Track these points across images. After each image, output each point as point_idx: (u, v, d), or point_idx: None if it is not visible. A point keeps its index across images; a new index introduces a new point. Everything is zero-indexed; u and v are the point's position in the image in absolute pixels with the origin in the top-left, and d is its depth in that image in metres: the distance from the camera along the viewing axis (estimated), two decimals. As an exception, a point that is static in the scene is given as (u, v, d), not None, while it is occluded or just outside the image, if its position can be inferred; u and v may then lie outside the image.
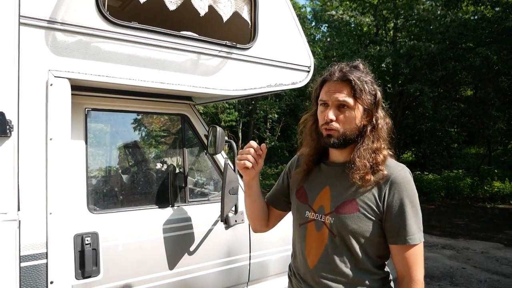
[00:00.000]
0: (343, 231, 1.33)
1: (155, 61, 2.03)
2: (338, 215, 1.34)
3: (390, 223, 1.30)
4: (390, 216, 1.30)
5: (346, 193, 1.35)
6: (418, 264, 1.30)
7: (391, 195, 1.30)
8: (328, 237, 1.37)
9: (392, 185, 1.30)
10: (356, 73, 1.35)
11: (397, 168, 1.34)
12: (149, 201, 2.34)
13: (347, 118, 1.34)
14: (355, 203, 1.32)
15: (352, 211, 1.32)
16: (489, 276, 5.17)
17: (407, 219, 1.28)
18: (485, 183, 12.24)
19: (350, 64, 1.41)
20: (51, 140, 1.72)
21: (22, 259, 1.64)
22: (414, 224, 1.29)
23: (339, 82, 1.35)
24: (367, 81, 1.36)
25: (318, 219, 1.40)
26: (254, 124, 18.87)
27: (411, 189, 1.31)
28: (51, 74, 1.73)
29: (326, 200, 1.40)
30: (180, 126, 2.47)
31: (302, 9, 20.69)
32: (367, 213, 1.31)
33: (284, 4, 2.55)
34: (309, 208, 1.44)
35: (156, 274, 2.16)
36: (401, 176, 1.32)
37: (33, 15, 1.67)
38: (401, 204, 1.29)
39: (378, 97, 1.39)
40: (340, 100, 1.33)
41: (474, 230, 7.96)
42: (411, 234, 1.28)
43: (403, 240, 1.29)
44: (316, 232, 1.40)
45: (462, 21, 9.77)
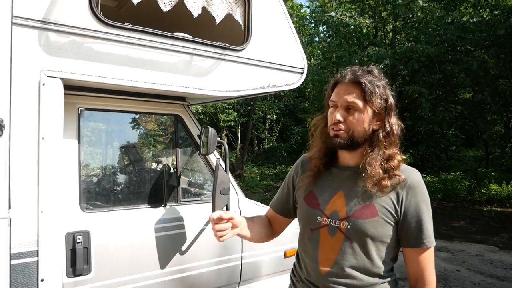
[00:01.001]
0: (362, 236, 1.32)
1: (148, 61, 2.04)
2: (355, 220, 1.33)
3: (408, 226, 1.32)
4: (408, 219, 1.32)
5: (363, 198, 1.34)
6: (432, 267, 1.34)
7: (409, 199, 1.32)
8: (343, 242, 1.35)
9: (409, 190, 1.32)
10: (368, 76, 1.36)
11: (412, 172, 1.37)
12: (141, 201, 2.36)
13: (355, 120, 1.34)
14: (373, 207, 1.32)
15: (371, 216, 1.32)
16: (483, 279, 5.19)
17: (425, 222, 1.32)
18: (483, 186, 12.25)
19: (365, 69, 1.41)
20: (43, 139, 1.74)
21: (13, 257, 1.66)
22: (430, 227, 1.33)
23: (349, 84, 1.36)
24: (379, 85, 1.35)
25: (331, 224, 1.38)
26: (252, 124, 18.87)
27: (425, 193, 1.35)
28: (43, 74, 1.75)
29: (341, 205, 1.38)
30: (174, 126, 2.48)
31: (302, 10, 20.73)
32: (386, 217, 1.32)
33: (278, 6, 2.57)
34: (320, 213, 1.41)
35: (147, 273, 2.17)
36: (417, 180, 1.34)
37: (26, 15, 1.68)
38: (418, 208, 1.32)
39: (390, 102, 1.38)
40: (349, 102, 1.34)
41: (470, 233, 7.97)
42: (428, 236, 1.32)
43: (421, 243, 1.32)
44: (330, 237, 1.38)
45: (460, 23, 9.80)
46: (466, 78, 12.11)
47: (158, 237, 2.21)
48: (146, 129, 2.73)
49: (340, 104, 1.36)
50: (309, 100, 20.03)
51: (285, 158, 19.96)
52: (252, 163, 18.72)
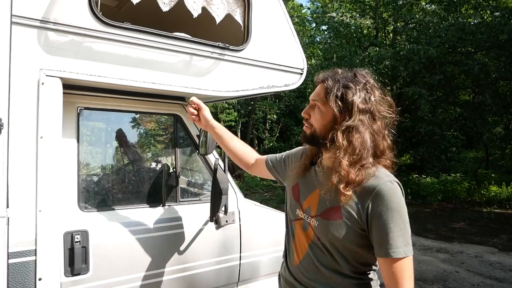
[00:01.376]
0: (325, 236, 1.35)
1: (147, 61, 2.05)
2: (322, 220, 1.36)
3: (375, 235, 1.27)
4: (374, 228, 1.26)
5: (332, 200, 1.34)
6: (405, 279, 1.24)
7: (375, 207, 1.26)
8: (312, 238, 1.41)
9: (377, 197, 1.26)
10: (340, 77, 1.36)
11: (384, 179, 1.28)
12: (140, 200, 2.35)
13: (315, 117, 1.41)
14: (339, 210, 1.32)
15: (335, 219, 1.32)
16: (482, 280, 5.19)
17: (391, 231, 1.23)
18: (482, 187, 12.24)
19: (348, 71, 1.41)
20: (41, 138, 1.74)
21: (11, 256, 1.66)
22: (399, 237, 1.23)
23: (318, 83, 1.43)
24: (347, 86, 1.33)
25: (305, 219, 1.45)
26: (253, 124, 18.89)
27: (396, 201, 1.25)
28: (42, 73, 1.75)
29: (314, 203, 1.42)
30: (173, 126, 2.48)
31: (303, 11, 20.73)
32: (349, 222, 1.30)
33: (277, 6, 2.57)
34: (299, 206, 1.49)
35: (145, 273, 2.17)
36: (387, 188, 1.26)
37: (25, 15, 1.68)
38: (385, 216, 1.24)
39: (357, 104, 1.32)
40: (311, 99, 1.43)
41: (470, 234, 7.97)
42: (395, 247, 1.23)
43: (385, 253, 1.24)
44: (303, 231, 1.45)
45: (461, 25, 9.79)
46: (467, 80, 12.11)
47: (156, 237, 2.21)
48: (145, 129, 2.73)
49: (309, 102, 1.45)
50: (310, 100, 20.01)
51: (285, 159, 19.92)
52: (252, 163, 18.66)
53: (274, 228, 2.70)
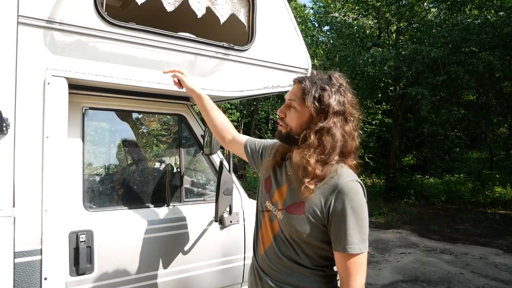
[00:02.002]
0: (288, 229, 1.42)
1: (152, 61, 2.05)
2: (286, 214, 1.43)
3: (333, 230, 1.34)
4: (334, 223, 1.34)
5: (297, 195, 1.40)
6: (358, 273, 1.33)
7: (336, 204, 1.33)
8: (277, 230, 1.47)
9: (338, 194, 1.32)
10: (316, 79, 1.41)
11: (347, 178, 1.35)
12: (144, 200, 2.36)
13: (291, 116, 1.44)
14: (303, 206, 1.38)
15: (299, 213, 1.39)
16: (487, 282, 5.17)
17: (349, 228, 1.30)
18: (487, 188, 12.20)
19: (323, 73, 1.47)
20: (47, 138, 1.75)
21: (17, 255, 1.66)
22: (356, 234, 1.31)
23: (295, 83, 1.46)
24: (324, 88, 1.38)
25: (272, 211, 1.51)
26: (255, 125, 18.87)
27: (357, 200, 1.32)
28: (48, 73, 1.75)
29: (281, 197, 1.48)
30: (177, 126, 2.49)
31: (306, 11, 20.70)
32: (311, 217, 1.36)
33: (282, 6, 2.57)
34: (269, 198, 1.54)
35: (150, 273, 2.17)
36: (348, 187, 1.33)
37: (31, 15, 1.69)
38: (344, 213, 1.31)
39: (333, 105, 1.37)
40: (288, 99, 1.45)
41: (474, 236, 7.94)
42: (351, 243, 1.30)
43: (342, 248, 1.32)
44: (269, 222, 1.51)
45: (465, 25, 9.74)
46: (471, 80, 12.06)
47: (161, 237, 2.21)
48: (150, 128, 2.73)
49: (285, 101, 1.46)
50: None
51: (288, 159, 19.89)
52: (255, 164, 18.65)
53: None
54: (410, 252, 6.53)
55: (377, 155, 15.56)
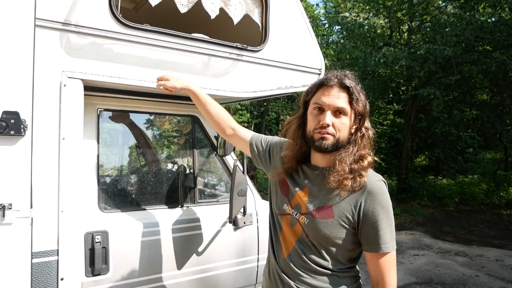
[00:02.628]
0: (316, 234, 1.38)
1: (166, 62, 2.05)
2: (313, 218, 1.39)
3: (366, 232, 1.35)
4: (366, 225, 1.34)
5: (324, 199, 1.39)
6: (392, 270, 1.36)
7: (367, 205, 1.34)
8: (300, 234, 1.44)
9: (368, 195, 1.34)
10: (350, 81, 1.39)
11: (374, 178, 1.38)
12: (158, 201, 2.37)
13: (343, 125, 1.38)
14: (331, 210, 1.37)
15: (327, 217, 1.36)
16: (504, 284, 5.07)
17: (382, 228, 1.33)
18: (501, 189, 11.99)
19: (343, 73, 1.43)
20: (63, 139, 1.76)
21: (34, 256, 1.68)
22: (388, 233, 1.34)
23: (337, 87, 1.38)
24: (360, 90, 1.40)
25: (293, 215, 1.46)
26: (265, 125, 18.87)
27: (385, 199, 1.36)
28: (64, 75, 1.77)
29: (304, 200, 1.44)
30: (191, 127, 2.49)
31: (316, 11, 20.64)
32: (341, 220, 1.35)
33: (295, 6, 2.56)
34: (287, 202, 1.50)
35: (164, 274, 2.18)
36: (377, 187, 1.35)
37: (48, 17, 1.71)
38: (376, 214, 1.33)
39: (368, 107, 1.43)
40: (339, 107, 1.37)
41: (489, 237, 7.80)
42: (385, 242, 1.34)
43: (377, 248, 1.34)
44: (290, 226, 1.47)
45: (478, 23, 9.59)
46: (484, 80, 11.87)
47: (175, 238, 2.21)
48: (164, 130, 2.74)
49: (329, 108, 1.37)
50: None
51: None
52: (265, 165, 18.64)
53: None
54: (424, 254, 6.45)
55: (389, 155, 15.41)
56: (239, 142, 1.81)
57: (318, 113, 1.39)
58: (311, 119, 1.42)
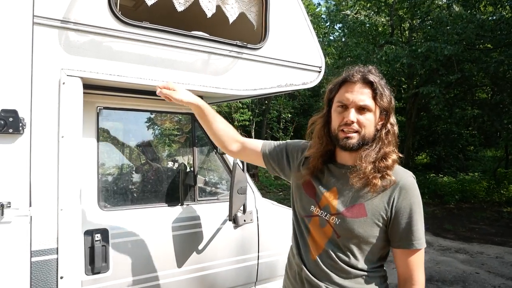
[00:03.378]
0: (349, 234, 1.35)
1: (165, 60, 2.04)
2: (344, 218, 1.36)
3: (398, 228, 1.33)
4: (398, 221, 1.33)
5: (354, 197, 1.37)
6: (421, 267, 1.36)
7: (400, 201, 1.32)
8: (331, 235, 1.40)
9: (401, 191, 1.33)
10: (374, 76, 1.36)
11: (405, 174, 1.37)
12: (158, 199, 2.36)
13: (368, 121, 1.35)
14: (363, 208, 1.34)
15: (360, 216, 1.34)
16: (504, 281, 5.07)
17: (415, 224, 1.32)
18: (502, 187, 11.96)
19: (366, 69, 1.40)
20: (62, 137, 1.75)
21: (33, 254, 1.68)
22: (420, 229, 1.33)
23: (360, 83, 1.36)
24: (384, 85, 1.38)
25: (322, 216, 1.42)
26: (267, 123, 18.86)
27: (417, 195, 1.35)
28: (63, 72, 1.76)
29: (333, 200, 1.40)
30: (191, 125, 2.48)
31: (317, 9, 20.59)
32: (375, 218, 1.33)
33: (295, 4, 2.54)
34: (315, 203, 1.45)
35: (164, 272, 2.18)
36: (409, 182, 1.35)
37: (46, 15, 1.70)
38: (409, 210, 1.32)
39: (393, 101, 1.41)
40: (362, 104, 1.34)
41: (489, 235, 7.79)
42: (418, 238, 1.33)
43: (411, 245, 1.33)
44: (320, 228, 1.43)
45: (479, 21, 9.56)
46: (485, 78, 11.84)
47: (175, 236, 2.21)
48: (163, 128, 2.73)
49: (352, 105, 1.35)
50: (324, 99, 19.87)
51: (300, 158, 19.83)
52: (266, 163, 18.64)
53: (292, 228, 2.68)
54: (425, 251, 6.44)
55: (390, 153, 15.35)
56: (251, 155, 1.72)
57: (342, 110, 1.37)
58: (335, 117, 1.40)
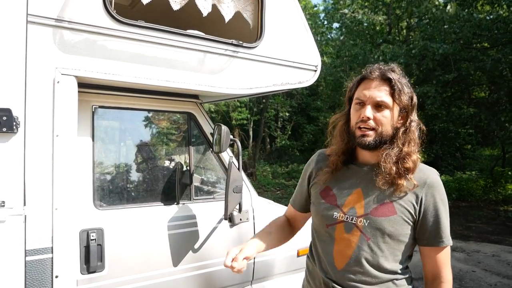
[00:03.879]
0: (379, 234, 1.33)
1: (161, 59, 2.04)
2: (374, 218, 1.33)
3: (427, 225, 1.34)
4: (427, 219, 1.34)
5: (382, 196, 1.35)
6: (448, 265, 1.37)
7: (428, 199, 1.33)
8: (359, 239, 1.35)
9: (429, 189, 1.34)
10: (394, 74, 1.36)
11: (431, 172, 1.38)
12: (154, 198, 2.36)
13: (385, 118, 1.34)
14: (392, 206, 1.33)
15: (389, 214, 1.32)
16: (500, 280, 5.09)
17: (443, 221, 1.34)
18: (499, 186, 12.01)
19: (387, 66, 1.40)
20: (57, 136, 1.75)
21: (28, 253, 1.67)
22: (447, 227, 1.35)
23: (378, 80, 1.35)
24: (405, 83, 1.36)
25: (348, 220, 1.37)
26: (265, 122, 18.86)
27: (443, 193, 1.37)
28: (58, 71, 1.76)
29: (358, 202, 1.37)
30: (186, 124, 2.48)
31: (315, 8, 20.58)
32: (404, 216, 1.33)
33: (291, 3, 2.54)
34: (337, 209, 1.41)
35: (160, 271, 2.17)
36: (436, 180, 1.36)
37: (40, 14, 1.69)
38: (437, 207, 1.33)
39: (414, 100, 1.39)
40: (378, 100, 1.33)
41: (486, 233, 7.82)
42: (446, 236, 1.35)
43: (439, 242, 1.34)
44: (346, 234, 1.37)
45: (477, 20, 9.58)
46: (482, 77, 11.88)
47: (171, 235, 2.21)
48: (159, 127, 2.73)
49: (369, 101, 1.34)
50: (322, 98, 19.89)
51: (298, 157, 19.87)
52: (264, 162, 18.70)
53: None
54: (421, 250, 6.46)
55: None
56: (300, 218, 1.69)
57: (360, 107, 1.37)
58: (353, 114, 1.39)
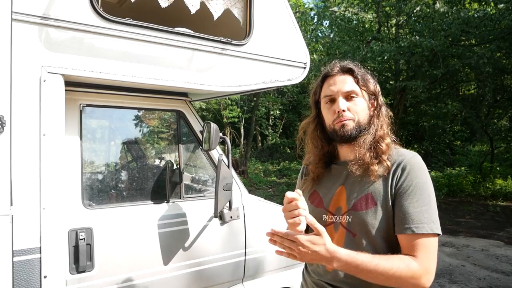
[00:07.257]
0: (363, 228, 1.28)
1: (149, 57, 2.03)
2: (355, 213, 1.29)
3: (398, 210, 1.23)
4: (399, 202, 1.23)
5: (361, 189, 1.31)
6: (430, 259, 1.19)
7: (402, 180, 1.24)
8: (345, 237, 1.31)
9: (404, 170, 1.25)
10: (353, 65, 1.40)
11: (409, 154, 1.31)
12: (144, 197, 2.35)
13: (358, 106, 1.36)
14: (371, 197, 1.28)
15: (370, 206, 1.27)
16: (489, 274, 5.17)
17: (416, 206, 1.20)
18: (487, 181, 12.19)
19: (343, 61, 1.43)
20: (44, 135, 1.73)
21: (15, 254, 1.66)
22: (424, 213, 1.19)
23: (340, 74, 1.38)
24: (365, 71, 1.41)
25: (335, 221, 1.36)
26: (256, 120, 18.86)
27: (423, 176, 1.25)
28: (44, 70, 1.74)
29: (342, 200, 1.36)
30: (176, 123, 2.47)
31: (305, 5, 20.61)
32: (385, 205, 1.26)
33: (280, 0, 2.55)
34: (325, 211, 1.40)
35: (150, 270, 2.17)
36: (413, 162, 1.27)
37: (25, 11, 1.67)
38: (411, 190, 1.22)
39: (377, 86, 1.43)
40: (348, 90, 1.35)
41: (475, 228, 7.93)
42: (419, 222, 1.18)
43: (407, 229, 1.19)
44: (335, 233, 1.35)
45: (465, 18, 9.69)
46: (471, 73, 12.03)
47: (161, 233, 2.20)
48: (148, 125, 2.72)
49: (339, 94, 1.36)
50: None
51: (289, 154, 19.93)
52: (255, 160, 18.72)
53: (279, 224, 2.69)
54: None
55: (378, 149, 15.51)
56: None
57: (331, 104, 1.37)
58: (327, 113, 1.39)
